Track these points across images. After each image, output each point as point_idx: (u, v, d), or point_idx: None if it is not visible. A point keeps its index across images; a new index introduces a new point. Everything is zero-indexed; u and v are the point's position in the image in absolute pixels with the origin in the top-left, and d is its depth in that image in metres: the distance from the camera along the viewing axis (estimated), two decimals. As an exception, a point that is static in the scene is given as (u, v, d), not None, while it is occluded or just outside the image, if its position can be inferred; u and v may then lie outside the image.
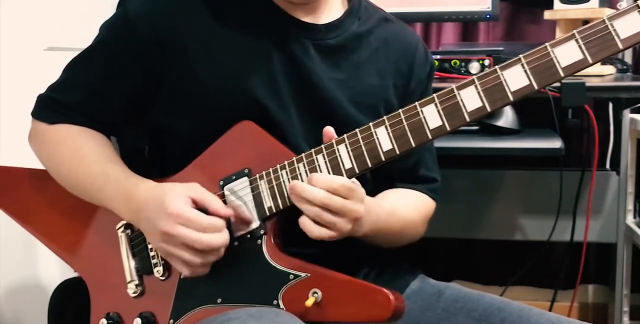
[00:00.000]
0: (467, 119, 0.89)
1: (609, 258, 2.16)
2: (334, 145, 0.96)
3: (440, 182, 1.23)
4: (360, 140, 0.94)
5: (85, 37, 1.13)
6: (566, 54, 0.84)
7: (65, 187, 1.12)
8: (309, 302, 0.92)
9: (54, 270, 1.64)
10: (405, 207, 1.15)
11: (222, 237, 0.97)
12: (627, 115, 2.02)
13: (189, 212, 0.96)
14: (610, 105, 2.15)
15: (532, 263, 2.00)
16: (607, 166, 2.15)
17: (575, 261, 1.97)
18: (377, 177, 1.14)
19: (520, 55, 0.86)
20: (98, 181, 1.07)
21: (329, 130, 0.97)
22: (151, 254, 1.06)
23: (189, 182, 1.02)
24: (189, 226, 0.95)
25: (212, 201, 0.98)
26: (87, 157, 1.08)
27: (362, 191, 0.96)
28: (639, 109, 2.00)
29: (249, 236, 1.00)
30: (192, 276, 0.99)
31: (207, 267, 0.99)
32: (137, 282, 1.07)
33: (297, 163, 0.98)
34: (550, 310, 1.89)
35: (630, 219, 2.03)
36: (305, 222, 0.95)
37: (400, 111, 0.93)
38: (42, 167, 1.15)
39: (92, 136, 1.12)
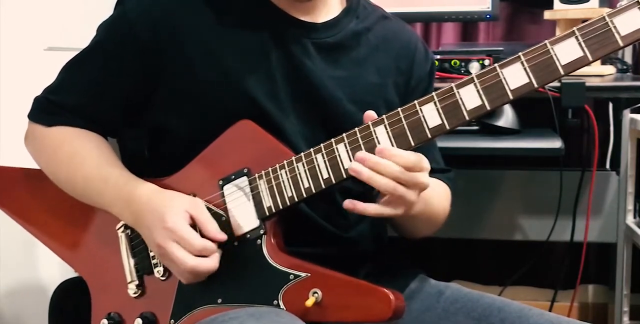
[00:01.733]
0: (467, 118, 0.89)
1: (609, 258, 2.16)
2: (333, 144, 0.96)
3: (453, 171, 1.23)
4: (360, 139, 0.94)
5: (85, 37, 1.13)
6: (566, 51, 0.84)
7: (66, 192, 1.12)
8: (309, 302, 0.92)
9: (54, 270, 1.63)
10: (439, 192, 1.15)
11: (209, 263, 0.97)
12: (627, 115, 2.01)
13: (184, 231, 0.96)
14: (610, 105, 2.15)
15: (532, 262, 1.99)
16: (607, 166, 2.15)
17: (575, 261, 1.97)
18: None
19: (520, 53, 0.86)
20: (97, 186, 1.07)
21: (370, 114, 0.95)
22: (151, 254, 1.05)
23: (193, 195, 1.03)
24: (181, 244, 0.96)
25: (207, 223, 0.98)
26: (85, 162, 1.08)
27: (427, 161, 0.95)
28: (639, 109, 2.00)
29: (248, 235, 1.00)
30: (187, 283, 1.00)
31: (203, 277, 0.99)
32: (137, 282, 1.07)
33: (297, 163, 0.98)
34: (550, 310, 1.90)
35: (630, 219, 2.03)
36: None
37: (399, 109, 0.92)
38: (42, 168, 1.15)
39: (89, 139, 1.11)
